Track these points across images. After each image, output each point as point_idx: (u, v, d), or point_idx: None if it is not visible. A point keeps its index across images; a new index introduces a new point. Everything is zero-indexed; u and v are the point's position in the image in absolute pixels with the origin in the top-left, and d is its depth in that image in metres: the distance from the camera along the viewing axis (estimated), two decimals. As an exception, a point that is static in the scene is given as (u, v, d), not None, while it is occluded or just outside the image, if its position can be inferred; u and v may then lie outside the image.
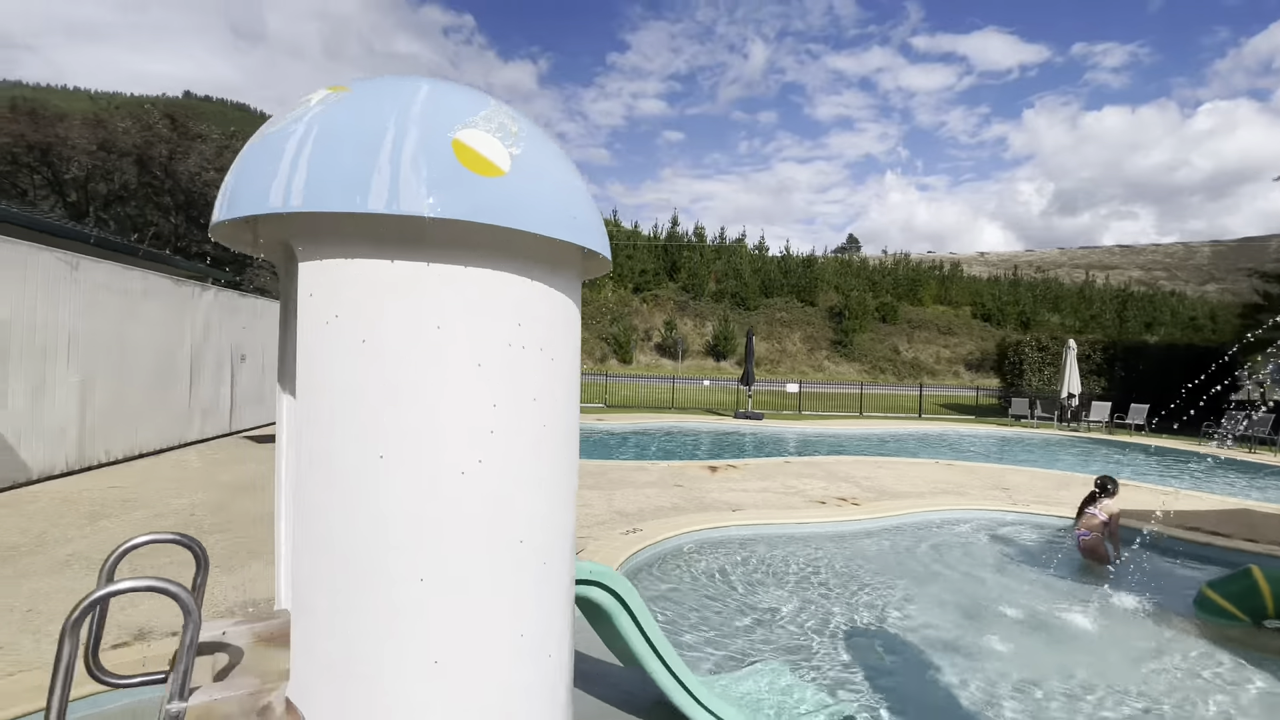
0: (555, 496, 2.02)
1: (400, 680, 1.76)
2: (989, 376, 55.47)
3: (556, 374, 2.01)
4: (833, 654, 3.99)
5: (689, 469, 9.28)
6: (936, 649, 4.14)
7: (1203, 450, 14.95)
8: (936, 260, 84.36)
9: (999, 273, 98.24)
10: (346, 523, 1.71)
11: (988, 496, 8.06)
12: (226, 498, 6.57)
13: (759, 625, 4.35)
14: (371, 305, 1.67)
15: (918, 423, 19.49)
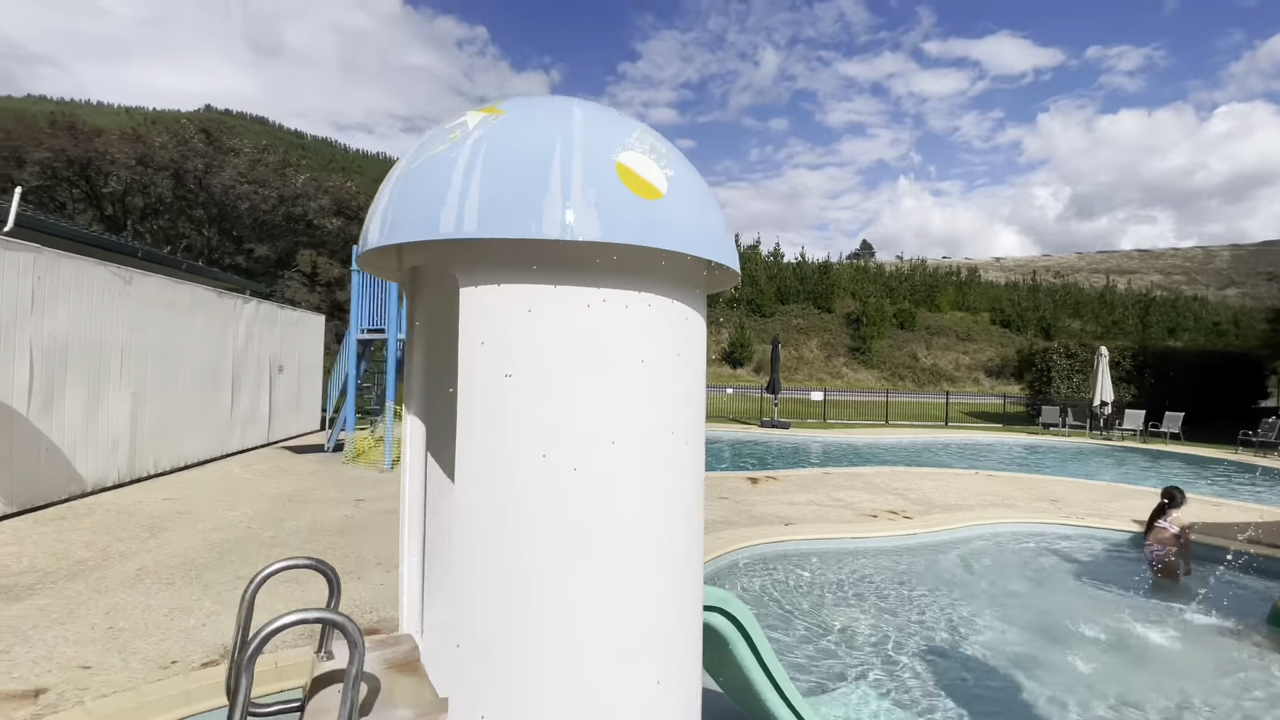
0: (693, 514, 1.99)
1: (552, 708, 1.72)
2: (1009, 383, 54.83)
3: (695, 387, 1.99)
4: (914, 676, 3.89)
5: (728, 480, 9.20)
6: (1019, 669, 4.03)
7: (1239, 458, 14.58)
8: (953, 266, 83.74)
9: (1016, 278, 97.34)
10: (507, 545, 1.67)
11: (1037, 509, 7.90)
12: (278, 510, 6.59)
13: (832, 645, 4.27)
14: (533, 329, 1.63)
15: (946, 431, 19.24)
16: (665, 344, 1.83)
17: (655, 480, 1.82)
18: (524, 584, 1.66)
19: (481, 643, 1.72)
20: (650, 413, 1.78)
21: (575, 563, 1.70)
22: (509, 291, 1.64)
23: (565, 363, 1.65)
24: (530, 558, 1.67)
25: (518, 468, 1.65)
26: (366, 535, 5.74)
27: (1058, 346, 23.29)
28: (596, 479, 1.73)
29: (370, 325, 9.82)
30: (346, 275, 17.75)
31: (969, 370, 56.40)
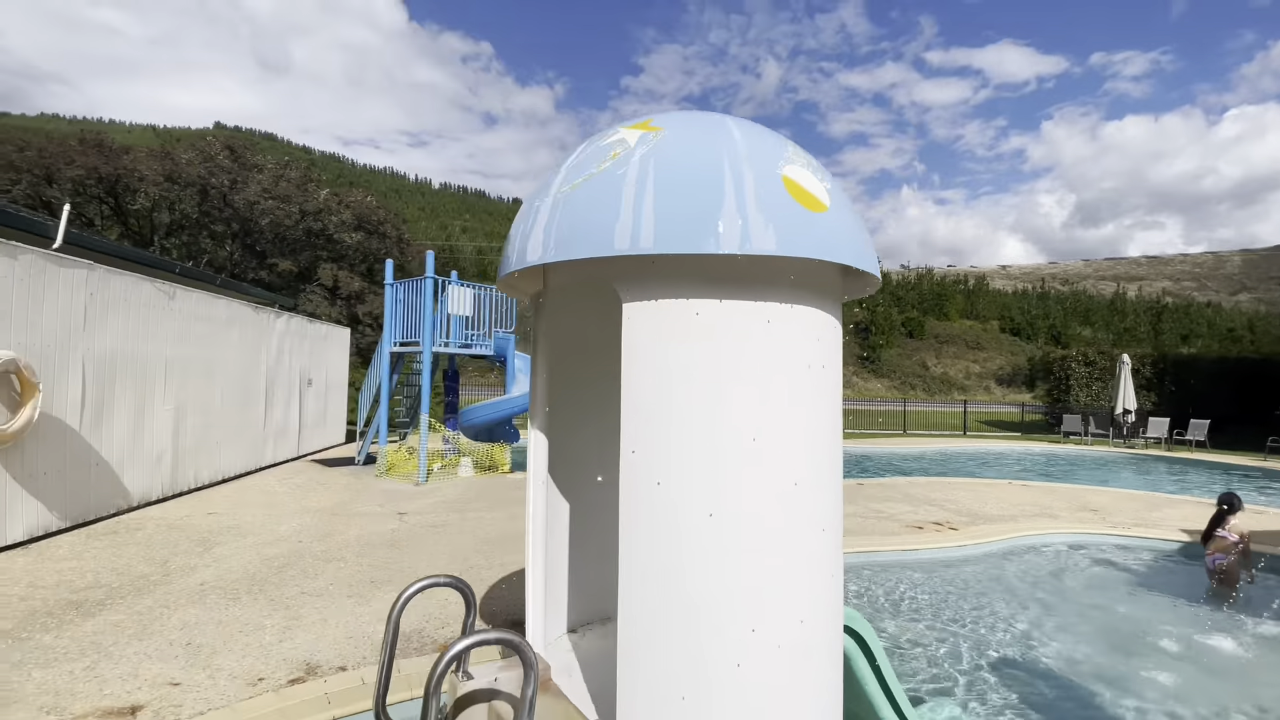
0: (837, 517, 1.98)
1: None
2: (1021, 391, 54.57)
3: (837, 392, 1.99)
4: (990, 690, 3.84)
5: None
6: (1095, 682, 3.97)
7: (1268, 465, 14.42)
8: (961, 274, 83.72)
9: (1023, 286, 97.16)
10: (678, 559, 1.65)
11: (1081, 519, 7.81)
12: (324, 524, 6.59)
13: (902, 659, 4.21)
14: (699, 343, 1.62)
15: (966, 440, 19.12)
16: (821, 355, 1.83)
17: (811, 504, 1.80)
18: (694, 618, 1.63)
19: (648, 675, 1.68)
20: (808, 426, 1.77)
21: (739, 597, 1.68)
22: (676, 306, 1.65)
23: (733, 377, 1.64)
24: (698, 591, 1.65)
25: (684, 518, 1.62)
26: (418, 548, 5.74)
27: (1075, 354, 23.15)
28: (756, 492, 1.71)
29: (403, 338, 9.87)
30: (367, 289, 17.89)
31: (980, 379, 56.07)
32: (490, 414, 9.87)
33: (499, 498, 8.16)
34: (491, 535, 6.22)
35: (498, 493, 8.51)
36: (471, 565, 5.25)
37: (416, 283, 9.52)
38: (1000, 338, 62.58)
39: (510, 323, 10.32)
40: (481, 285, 9.96)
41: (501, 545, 5.86)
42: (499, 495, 8.34)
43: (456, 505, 7.63)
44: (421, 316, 9.21)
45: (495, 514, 7.18)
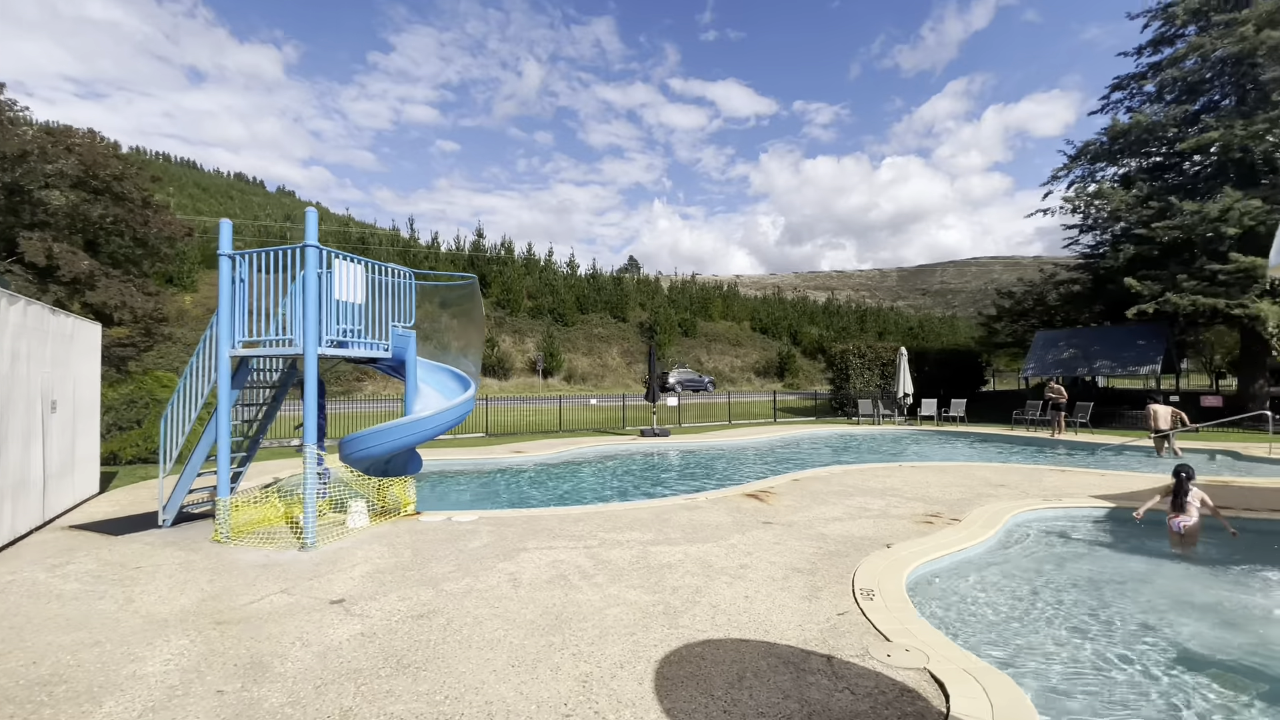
0: None
1: None
2: (773, 381, 63.14)
3: None
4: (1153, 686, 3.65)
5: (730, 498, 8.37)
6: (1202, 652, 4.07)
7: (1015, 434, 18.54)
8: (718, 281, 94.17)
9: (758, 293, 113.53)
10: None
11: (1027, 495, 8.68)
12: (224, 648, 3.86)
13: (1106, 684, 3.83)
14: None
15: (781, 428, 20.89)
16: None
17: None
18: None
19: None
20: None
21: None
22: None
23: None
24: None
25: None
26: (453, 661, 3.63)
27: (853, 348, 27.18)
28: None
29: (249, 335, 6.72)
30: (98, 269, 12.30)
31: (741, 371, 63.43)
32: (392, 441, 7.30)
33: (452, 551, 5.93)
34: (548, 612, 4.31)
35: (437, 545, 6.22)
36: (554, 666, 3.44)
37: (282, 254, 6.52)
38: (753, 335, 71.65)
39: (409, 316, 7.78)
40: (375, 262, 7.27)
41: (576, 628, 4.05)
42: (444, 547, 6.08)
43: (402, 573, 5.29)
44: (302, 304, 6.31)
45: (488, 577, 5.12)
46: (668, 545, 6.03)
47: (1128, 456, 14.08)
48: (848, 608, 4.36)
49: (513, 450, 14.00)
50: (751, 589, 4.78)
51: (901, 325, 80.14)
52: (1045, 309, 29.84)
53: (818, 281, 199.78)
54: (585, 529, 6.71)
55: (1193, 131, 21.91)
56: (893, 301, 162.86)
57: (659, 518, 7.24)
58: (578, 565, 5.41)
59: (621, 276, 69.35)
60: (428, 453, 12.99)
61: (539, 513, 7.54)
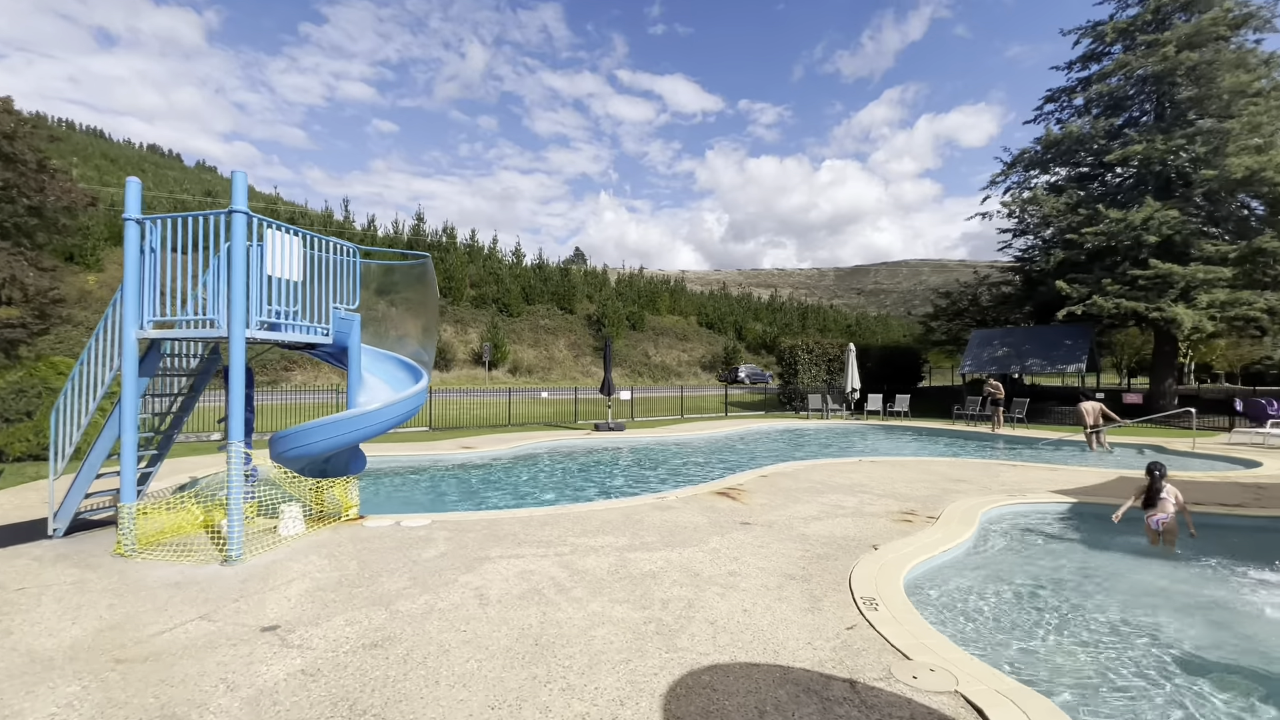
0: None
1: None
2: (718, 375, 63.74)
3: None
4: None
5: (701, 496, 7.99)
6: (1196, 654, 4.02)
7: (956, 428, 19.14)
8: (665, 275, 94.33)
9: (703, 288, 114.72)
10: None
11: (989, 490, 8.71)
12: (128, 693, 3.11)
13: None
14: None
15: (753, 421, 20.86)
16: None
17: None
18: None
19: None
20: None
21: None
22: None
23: None
24: None
25: None
26: (428, 705, 3.04)
27: (800, 344, 27.51)
28: None
29: (161, 315, 5.79)
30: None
31: (689, 366, 63.74)
32: (333, 438, 6.51)
33: (405, 561, 5.26)
34: (527, 637, 3.75)
35: (387, 555, 5.53)
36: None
37: (203, 220, 5.61)
38: (700, 330, 72.15)
39: (353, 298, 6.95)
40: (314, 234, 6.40)
41: (559, 654, 3.53)
42: (395, 557, 5.40)
43: (348, 590, 4.61)
44: (226, 279, 5.44)
45: (451, 593, 4.50)
46: (646, 551, 5.57)
47: (1066, 451, 14.68)
48: (854, 620, 4.03)
49: (461, 446, 13.19)
50: (748, 600, 4.38)
51: (840, 323, 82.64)
52: (979, 309, 31.13)
53: (760, 279, 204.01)
54: (553, 533, 6.16)
55: (1117, 144, 23.18)
56: (830, 300, 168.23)
57: (631, 519, 6.76)
58: (551, 576, 4.87)
59: (569, 267, 68.26)
60: (368, 447, 12.03)
61: (499, 515, 6.91)
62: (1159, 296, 20.59)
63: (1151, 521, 6.27)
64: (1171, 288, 20.41)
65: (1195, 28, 21.50)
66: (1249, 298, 19.67)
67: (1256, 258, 20.42)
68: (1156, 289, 20.70)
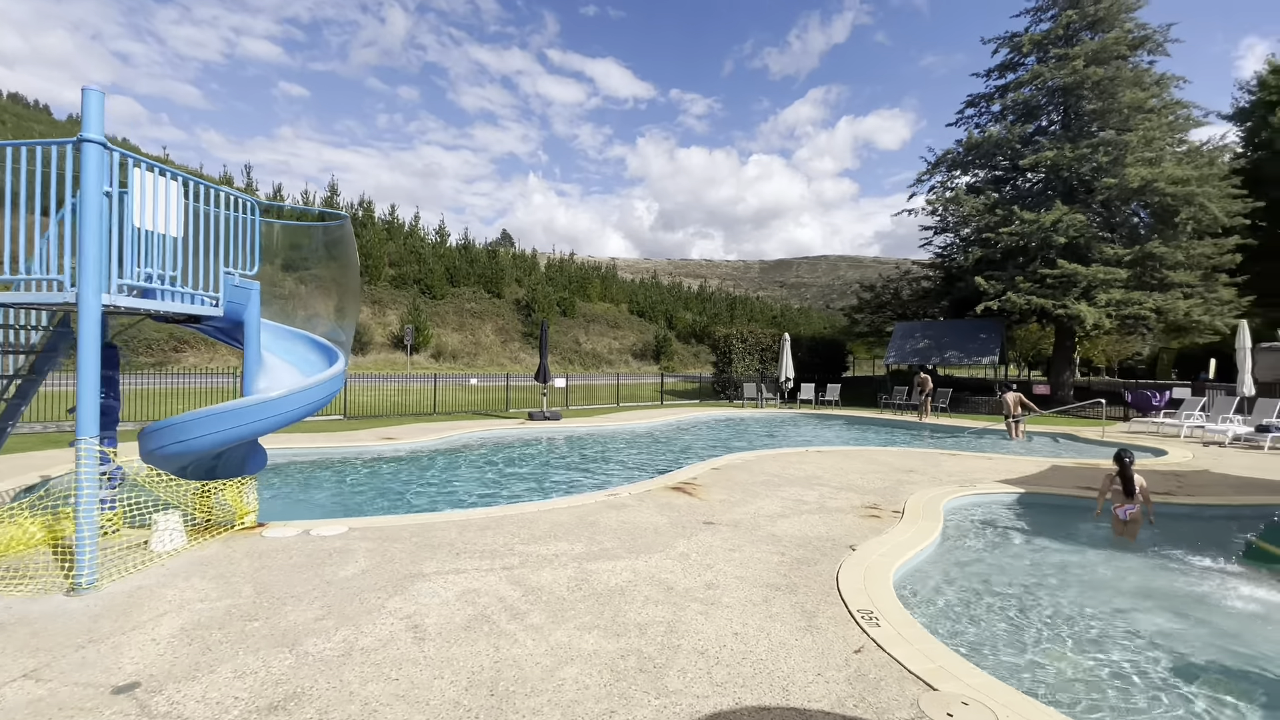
0: None
1: None
2: (650, 364, 63.81)
3: None
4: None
5: (655, 492, 7.39)
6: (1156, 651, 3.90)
7: (885, 417, 19.65)
8: (596, 262, 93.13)
9: (632, 276, 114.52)
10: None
11: (941, 481, 8.63)
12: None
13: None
14: None
15: (690, 410, 20.51)
16: None
17: None
18: None
19: None
20: None
21: None
22: None
23: None
24: None
25: None
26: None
27: (735, 333, 27.55)
28: None
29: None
30: None
31: (620, 354, 63.30)
32: (224, 431, 5.37)
33: (317, 583, 4.32)
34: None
35: (293, 574, 4.55)
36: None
37: (44, 152, 4.33)
38: (631, 318, 71.81)
39: (251, 262, 5.78)
40: (202, 181, 5.19)
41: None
42: (304, 578, 4.44)
43: (240, 625, 3.65)
44: (77, 229, 4.22)
45: (377, 624, 3.64)
46: (608, 560, 4.89)
47: (989, 440, 15.24)
48: (858, 640, 3.54)
49: (382, 437, 11.95)
50: (736, 620, 3.81)
51: (766, 314, 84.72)
52: (900, 303, 32.39)
53: (689, 269, 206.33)
54: (498, 540, 5.36)
55: (1029, 150, 24.50)
56: (756, 291, 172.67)
57: (584, 521, 6.06)
58: (501, 597, 4.10)
59: (496, 249, 65.80)
60: (269, 439, 10.62)
61: (431, 519, 6.01)
62: (1064, 294, 21.95)
63: (1120, 512, 6.25)
64: (1075, 286, 21.81)
65: (1101, 45, 22.94)
66: (1140, 298, 21.32)
67: (1146, 261, 22.17)
68: (1062, 287, 22.04)
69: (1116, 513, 6.26)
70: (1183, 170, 20.75)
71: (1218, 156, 22.65)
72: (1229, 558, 5.66)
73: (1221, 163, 22.00)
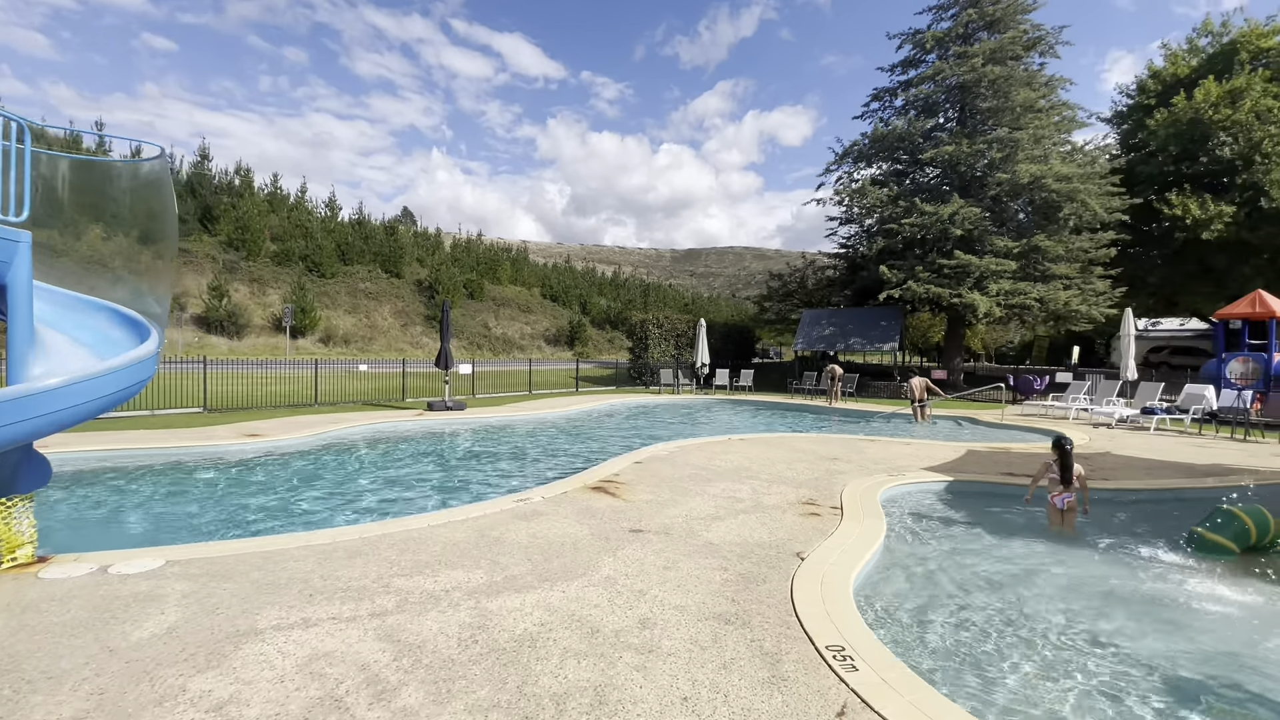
0: None
1: None
2: (563, 350, 62.36)
3: None
4: None
5: (573, 493, 6.41)
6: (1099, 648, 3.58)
7: (795, 401, 19.76)
8: (506, 244, 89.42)
9: (545, 260, 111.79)
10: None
11: (869, 470, 8.26)
12: None
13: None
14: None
15: (606, 397, 19.61)
16: None
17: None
18: None
19: None
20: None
21: None
22: None
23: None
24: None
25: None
26: None
27: (651, 318, 26.94)
28: None
29: None
30: None
31: (532, 339, 61.30)
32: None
33: (96, 650, 3.01)
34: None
35: (65, 638, 3.20)
36: None
37: None
38: (544, 303, 69.75)
39: (19, 204, 4.16)
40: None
41: None
42: (80, 643, 3.11)
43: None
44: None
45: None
46: (515, 593, 3.88)
47: (897, 424, 15.51)
48: (838, 697, 2.78)
49: (245, 434, 10.12)
50: (683, 676, 2.93)
51: (678, 301, 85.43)
52: (805, 291, 33.16)
53: (602, 255, 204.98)
54: (369, 572, 4.19)
55: (929, 145, 25.51)
56: (668, 279, 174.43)
57: (486, 538, 4.99)
58: (363, 664, 2.99)
59: (395, 226, 61.34)
60: (86, 438, 8.60)
61: (285, 544, 4.70)
62: (959, 284, 23.05)
63: (1057, 501, 6.02)
64: (969, 276, 22.95)
65: (998, 44, 24.13)
66: (1026, 288, 22.77)
67: (1032, 254, 23.73)
68: (957, 277, 23.13)
69: (1054, 501, 6.03)
70: (1068, 168, 22.22)
71: (1098, 156, 24.53)
72: (1180, 551, 5.46)
73: (1102, 162, 23.81)
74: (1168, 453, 10.16)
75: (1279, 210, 22.01)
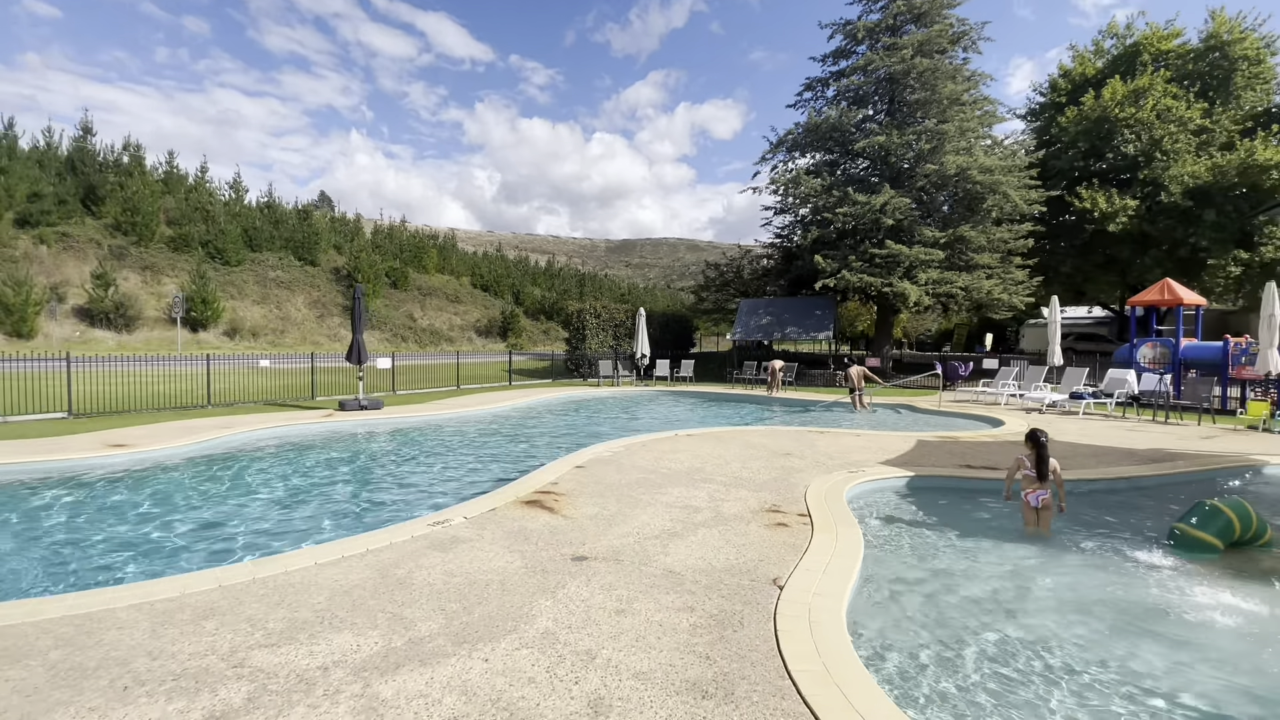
0: None
1: None
2: (496, 341, 60.21)
3: None
4: None
5: (503, 511, 5.45)
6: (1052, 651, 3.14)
7: (735, 391, 19.39)
8: (433, 231, 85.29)
9: (475, 249, 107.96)
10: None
11: (827, 466, 7.71)
12: None
13: None
14: None
15: (541, 390, 18.50)
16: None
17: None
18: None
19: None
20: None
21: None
22: None
23: None
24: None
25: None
26: None
27: (589, 308, 25.94)
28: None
29: None
30: None
31: (462, 330, 58.83)
32: None
33: None
34: None
35: None
36: None
37: None
38: (474, 293, 67.12)
39: None
40: None
41: None
42: None
43: None
44: None
45: None
46: (420, 666, 2.92)
47: (838, 412, 15.32)
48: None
49: (109, 444, 8.47)
50: (653, 796, 2.10)
51: (615, 291, 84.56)
52: (742, 281, 33.08)
53: (535, 244, 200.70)
54: (220, 641, 3.10)
55: (860, 135, 25.72)
56: (603, 269, 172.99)
57: (389, 577, 3.97)
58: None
59: (310, 211, 57.01)
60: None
61: (111, 600, 3.51)
62: (890, 273, 23.37)
63: (1031, 498, 5.59)
64: (900, 266, 23.31)
65: (925, 37, 24.50)
66: (952, 277, 23.35)
67: (957, 244, 24.38)
68: (888, 266, 23.44)
69: (1028, 499, 5.61)
70: (991, 160, 22.84)
71: (1018, 150, 25.43)
72: (1164, 550, 5.13)
73: (1021, 155, 24.67)
74: (1105, 438, 10.26)
75: (1176, 204, 23.53)
